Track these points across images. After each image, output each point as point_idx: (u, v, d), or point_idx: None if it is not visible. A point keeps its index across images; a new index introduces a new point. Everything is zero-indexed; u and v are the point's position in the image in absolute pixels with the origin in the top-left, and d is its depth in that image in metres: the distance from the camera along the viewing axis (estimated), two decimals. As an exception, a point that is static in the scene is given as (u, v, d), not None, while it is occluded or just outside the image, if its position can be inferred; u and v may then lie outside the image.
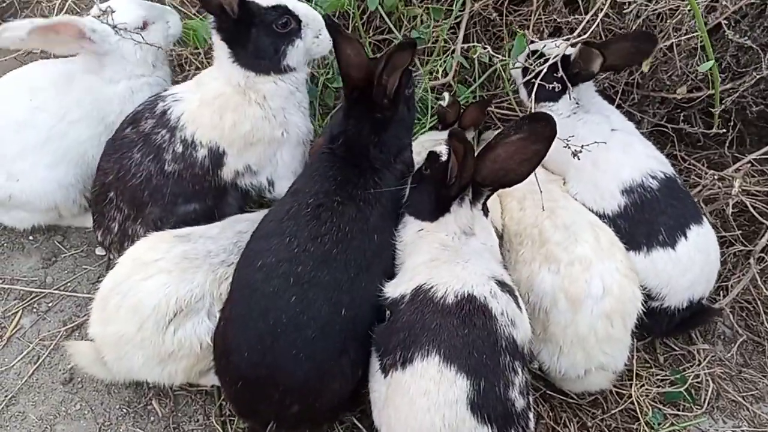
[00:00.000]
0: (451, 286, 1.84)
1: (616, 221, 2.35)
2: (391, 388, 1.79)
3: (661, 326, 2.42)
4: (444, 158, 2.02)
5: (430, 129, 2.86)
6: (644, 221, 2.33)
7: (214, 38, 2.35)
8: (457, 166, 1.90)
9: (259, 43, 2.27)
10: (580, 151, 2.10)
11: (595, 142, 2.18)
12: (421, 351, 1.74)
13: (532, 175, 1.93)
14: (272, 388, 1.86)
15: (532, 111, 2.33)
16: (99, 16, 2.49)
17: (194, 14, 3.05)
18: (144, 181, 2.31)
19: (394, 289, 1.94)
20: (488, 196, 2.05)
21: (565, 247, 2.19)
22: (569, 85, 2.38)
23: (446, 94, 2.74)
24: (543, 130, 1.83)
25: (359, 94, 2.07)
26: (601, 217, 2.36)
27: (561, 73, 2.34)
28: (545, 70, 2.33)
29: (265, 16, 2.24)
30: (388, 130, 2.13)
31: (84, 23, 2.46)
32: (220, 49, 2.33)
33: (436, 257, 1.97)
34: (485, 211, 2.10)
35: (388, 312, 1.93)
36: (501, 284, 1.91)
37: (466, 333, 1.75)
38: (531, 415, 1.81)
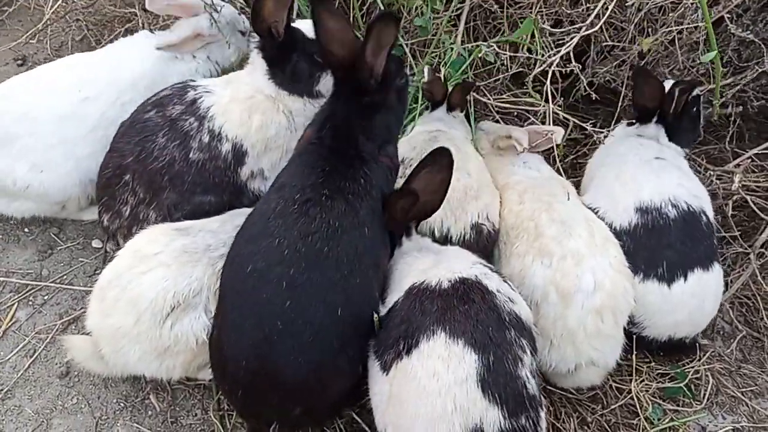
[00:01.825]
0: (442, 275, 1.88)
1: (621, 236, 2.31)
2: (395, 382, 1.76)
3: (637, 346, 2.36)
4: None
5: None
6: (649, 247, 2.29)
7: (254, 55, 2.46)
8: (393, 226, 2.11)
9: (298, 67, 2.40)
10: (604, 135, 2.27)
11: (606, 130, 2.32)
12: (425, 333, 1.74)
13: (537, 171, 1.93)
14: (272, 393, 1.84)
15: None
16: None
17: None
18: (166, 166, 2.32)
19: (389, 300, 1.96)
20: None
21: (559, 241, 2.19)
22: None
23: (426, 69, 2.70)
24: (441, 160, 1.99)
25: (344, 74, 2.04)
26: (610, 228, 2.33)
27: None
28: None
29: (309, 45, 2.35)
30: (377, 116, 2.09)
31: (203, 28, 2.77)
32: (258, 65, 2.44)
33: (420, 261, 2.04)
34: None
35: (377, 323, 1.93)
36: (489, 269, 1.97)
37: (467, 308, 1.77)
38: (542, 414, 1.75)
